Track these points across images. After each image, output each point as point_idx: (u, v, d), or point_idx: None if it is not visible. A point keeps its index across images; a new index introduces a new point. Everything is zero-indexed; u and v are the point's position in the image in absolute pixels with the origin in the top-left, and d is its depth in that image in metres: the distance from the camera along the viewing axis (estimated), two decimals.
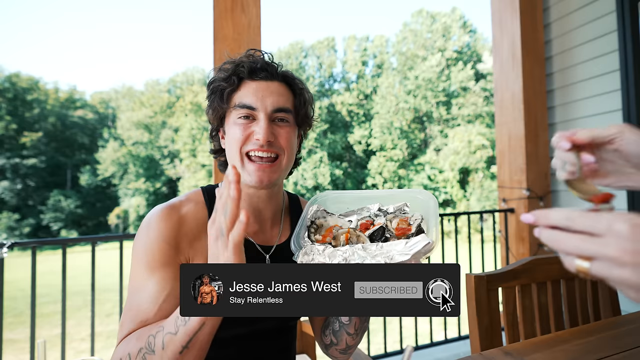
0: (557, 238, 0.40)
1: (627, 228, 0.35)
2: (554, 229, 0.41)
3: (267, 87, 0.83)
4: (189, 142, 25.03)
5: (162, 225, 0.77)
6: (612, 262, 0.36)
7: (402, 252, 0.61)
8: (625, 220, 0.35)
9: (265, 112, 0.81)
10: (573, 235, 0.39)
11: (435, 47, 23.60)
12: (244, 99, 0.81)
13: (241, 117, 0.81)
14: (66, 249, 1.96)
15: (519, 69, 2.79)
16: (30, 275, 1.85)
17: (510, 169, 2.88)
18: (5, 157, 23.71)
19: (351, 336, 0.86)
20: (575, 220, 0.39)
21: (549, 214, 0.41)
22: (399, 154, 22.66)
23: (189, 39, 46.85)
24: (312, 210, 0.80)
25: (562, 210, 0.41)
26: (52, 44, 43.39)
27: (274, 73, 0.85)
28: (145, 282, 0.74)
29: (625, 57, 2.37)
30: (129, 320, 0.72)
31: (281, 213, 0.94)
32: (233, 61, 0.85)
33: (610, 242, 0.36)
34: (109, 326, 6.44)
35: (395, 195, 0.82)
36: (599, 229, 0.37)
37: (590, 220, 0.38)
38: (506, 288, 1.06)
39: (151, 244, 0.76)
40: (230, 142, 0.82)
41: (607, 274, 0.37)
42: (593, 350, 0.80)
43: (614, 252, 0.35)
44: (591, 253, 0.37)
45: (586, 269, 0.38)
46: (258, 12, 2.20)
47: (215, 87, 0.84)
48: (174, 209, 0.80)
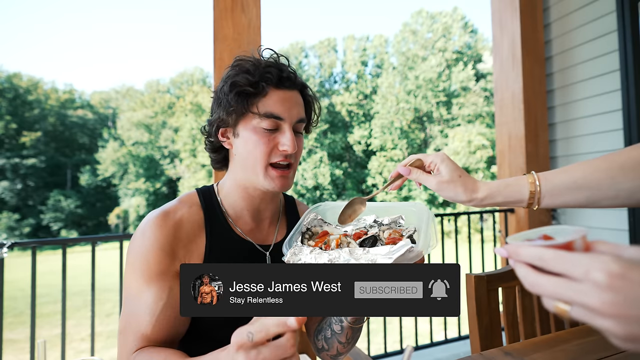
0: (532, 280, 0.38)
1: (604, 278, 0.33)
2: (529, 266, 0.39)
3: (292, 98, 0.83)
4: (189, 142, 25.02)
5: (157, 232, 0.77)
6: (592, 312, 0.34)
7: (385, 256, 0.62)
8: (603, 268, 0.33)
9: (290, 122, 0.81)
10: (549, 279, 0.37)
11: (435, 47, 23.60)
12: (272, 109, 0.80)
13: (266, 124, 0.80)
14: (66, 249, 1.96)
15: (519, 69, 2.79)
16: (30, 275, 1.85)
17: (510, 169, 2.88)
18: (5, 157, 23.72)
19: (342, 345, 0.87)
20: (548, 262, 0.37)
21: (520, 251, 0.39)
22: (399, 154, 22.65)
23: (189, 39, 46.89)
24: (309, 218, 0.81)
25: (534, 248, 0.39)
26: (52, 44, 43.43)
27: (295, 82, 0.85)
28: (141, 292, 0.75)
29: (625, 57, 2.37)
30: (130, 332, 0.74)
31: (279, 213, 0.97)
32: (255, 62, 0.82)
33: (588, 292, 0.34)
34: (109, 326, 6.44)
35: (391, 208, 0.84)
36: (575, 275, 0.35)
37: (565, 264, 0.36)
38: (506, 288, 1.06)
39: (147, 253, 0.76)
40: (250, 149, 0.81)
41: (588, 320, 0.35)
42: (593, 350, 0.79)
43: (594, 302, 0.34)
44: (569, 300, 0.36)
45: (566, 312, 0.37)
46: (258, 12, 2.20)
47: (241, 91, 0.80)
48: (168, 214, 0.80)
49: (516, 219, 2.83)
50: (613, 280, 0.33)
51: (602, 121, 2.53)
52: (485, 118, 21.94)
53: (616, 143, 2.44)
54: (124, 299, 0.77)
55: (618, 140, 2.43)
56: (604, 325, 0.34)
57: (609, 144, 2.49)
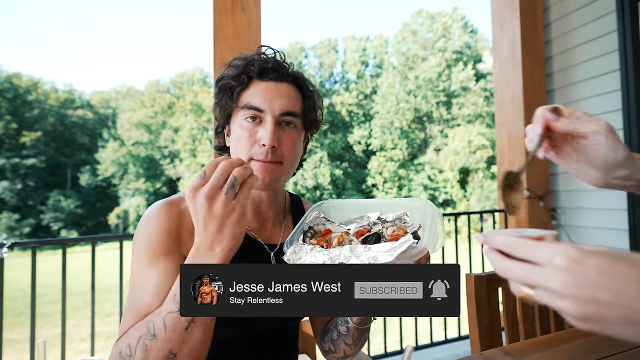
0: (502, 265, 0.42)
1: (565, 262, 0.37)
2: (499, 253, 0.43)
3: (277, 89, 0.80)
4: (189, 142, 25.03)
5: (162, 218, 0.75)
6: (553, 293, 0.38)
7: (387, 253, 0.60)
8: (563, 254, 0.37)
9: (273, 115, 0.78)
10: (517, 264, 0.41)
11: (435, 47, 23.60)
12: (252, 100, 0.79)
13: (248, 117, 0.79)
14: (66, 249, 1.96)
15: (519, 69, 2.79)
16: (30, 275, 1.85)
17: (510, 169, 2.88)
18: (5, 157, 23.72)
19: (349, 346, 0.86)
20: (516, 248, 0.41)
21: (494, 238, 0.43)
22: (399, 154, 22.66)
23: (189, 39, 46.88)
24: (312, 217, 0.79)
25: (506, 235, 0.42)
26: (52, 44, 43.43)
27: (284, 74, 0.82)
28: (146, 276, 0.71)
29: (625, 57, 2.37)
30: (130, 316, 0.69)
31: (283, 213, 0.94)
32: (244, 57, 0.83)
33: (550, 275, 0.38)
34: (109, 326, 6.44)
35: (395, 204, 0.81)
36: (540, 260, 0.39)
37: (530, 250, 0.40)
38: (506, 288, 1.06)
39: (151, 237, 0.74)
40: (236, 143, 0.81)
41: (549, 302, 0.39)
42: (593, 350, 0.79)
43: (554, 285, 0.37)
44: (533, 283, 0.39)
45: (530, 296, 0.40)
46: (258, 12, 2.20)
47: (224, 84, 0.81)
48: (174, 204, 0.78)
49: (516, 219, 2.83)
50: (572, 264, 0.36)
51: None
52: (485, 118, 21.94)
53: None
54: (130, 292, 0.73)
55: None
56: (563, 306, 0.38)
57: None
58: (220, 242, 0.57)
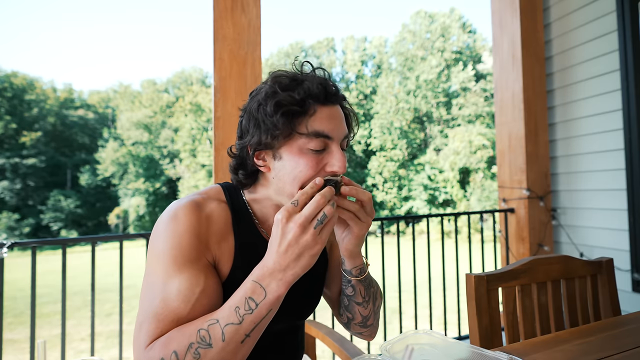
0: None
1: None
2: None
3: (338, 114, 0.76)
4: (188, 142, 25.03)
5: (192, 217, 0.72)
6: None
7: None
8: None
9: (339, 141, 0.75)
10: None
11: (434, 48, 23.60)
12: (321, 128, 0.72)
13: (314, 146, 0.72)
14: (66, 249, 1.95)
15: (519, 69, 2.79)
16: (30, 275, 1.85)
17: (510, 169, 2.88)
18: (5, 157, 23.72)
19: (362, 305, 0.86)
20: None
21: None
22: (399, 154, 22.66)
23: (189, 39, 46.88)
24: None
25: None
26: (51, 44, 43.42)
27: (338, 96, 0.77)
28: (172, 279, 0.68)
29: (625, 57, 2.37)
30: (154, 320, 0.66)
31: None
32: (295, 77, 0.75)
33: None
34: (109, 326, 6.43)
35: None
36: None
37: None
38: (506, 288, 1.06)
39: (180, 238, 0.70)
40: (295, 174, 0.73)
41: None
42: (593, 350, 0.79)
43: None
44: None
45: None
46: (258, 12, 2.20)
47: (286, 110, 0.71)
48: (199, 205, 0.74)
49: (516, 219, 2.83)
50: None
51: (602, 121, 2.53)
52: (485, 118, 21.94)
53: (616, 143, 2.44)
54: (146, 294, 0.69)
55: (618, 140, 2.43)
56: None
57: (609, 144, 2.49)
58: (294, 267, 0.63)
